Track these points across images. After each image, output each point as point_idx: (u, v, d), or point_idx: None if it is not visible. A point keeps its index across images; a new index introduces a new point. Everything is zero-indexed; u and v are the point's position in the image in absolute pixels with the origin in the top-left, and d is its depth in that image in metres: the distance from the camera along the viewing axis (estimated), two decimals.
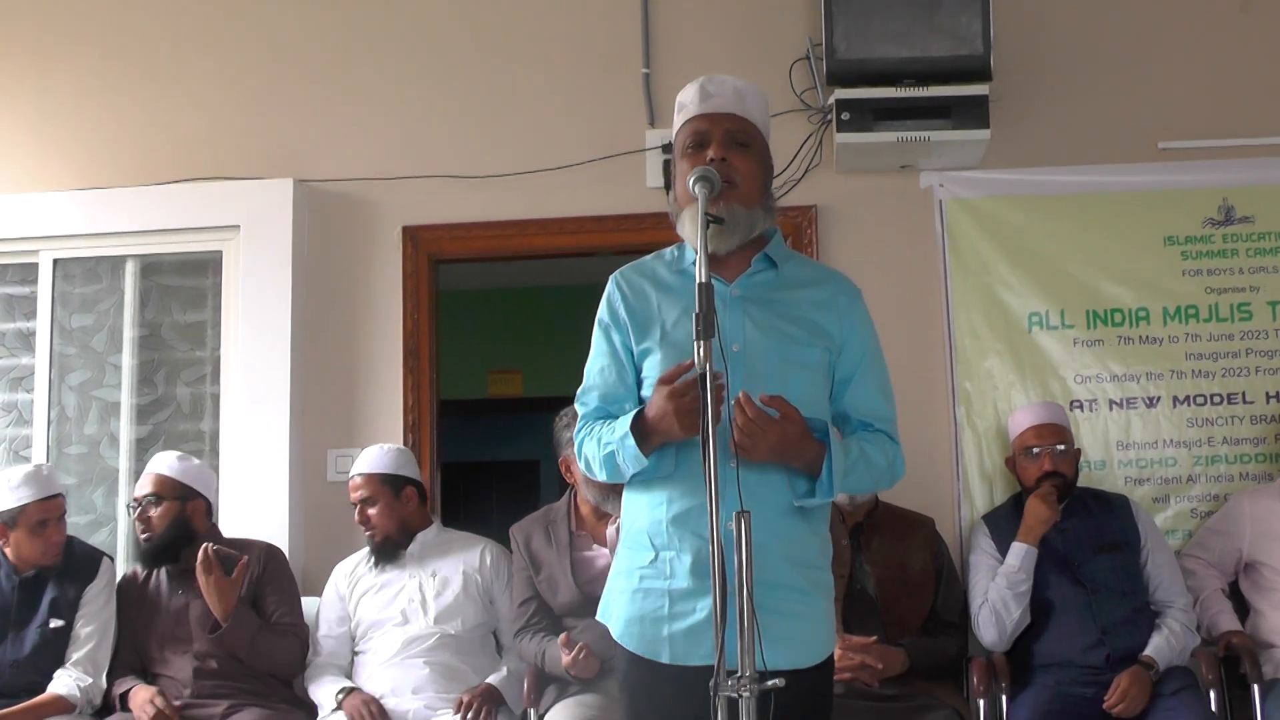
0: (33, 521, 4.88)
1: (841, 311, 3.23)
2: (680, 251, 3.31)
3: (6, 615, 4.89)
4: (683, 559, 3.05)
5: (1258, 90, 5.51)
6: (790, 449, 3.00)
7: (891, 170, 5.52)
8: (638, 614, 3.10)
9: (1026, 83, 5.50)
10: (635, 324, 3.21)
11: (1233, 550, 5.02)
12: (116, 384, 5.82)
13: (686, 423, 2.95)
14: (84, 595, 4.96)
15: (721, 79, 3.25)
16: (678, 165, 3.24)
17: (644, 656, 3.09)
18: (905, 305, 5.45)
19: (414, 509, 5.15)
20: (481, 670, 4.93)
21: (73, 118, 5.93)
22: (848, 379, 3.21)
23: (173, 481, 5.00)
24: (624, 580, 3.17)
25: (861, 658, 4.53)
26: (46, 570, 4.94)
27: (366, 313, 5.70)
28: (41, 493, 4.91)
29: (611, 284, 3.31)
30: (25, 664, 4.84)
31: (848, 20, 5.22)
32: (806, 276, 3.30)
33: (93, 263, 5.87)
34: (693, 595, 3.03)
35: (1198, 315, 5.39)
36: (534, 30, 5.78)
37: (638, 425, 3.04)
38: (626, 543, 3.21)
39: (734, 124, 3.19)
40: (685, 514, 3.05)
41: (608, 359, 3.25)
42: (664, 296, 3.22)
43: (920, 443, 5.27)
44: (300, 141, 5.80)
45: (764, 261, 3.23)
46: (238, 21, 5.91)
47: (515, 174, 5.63)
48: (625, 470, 3.10)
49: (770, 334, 3.12)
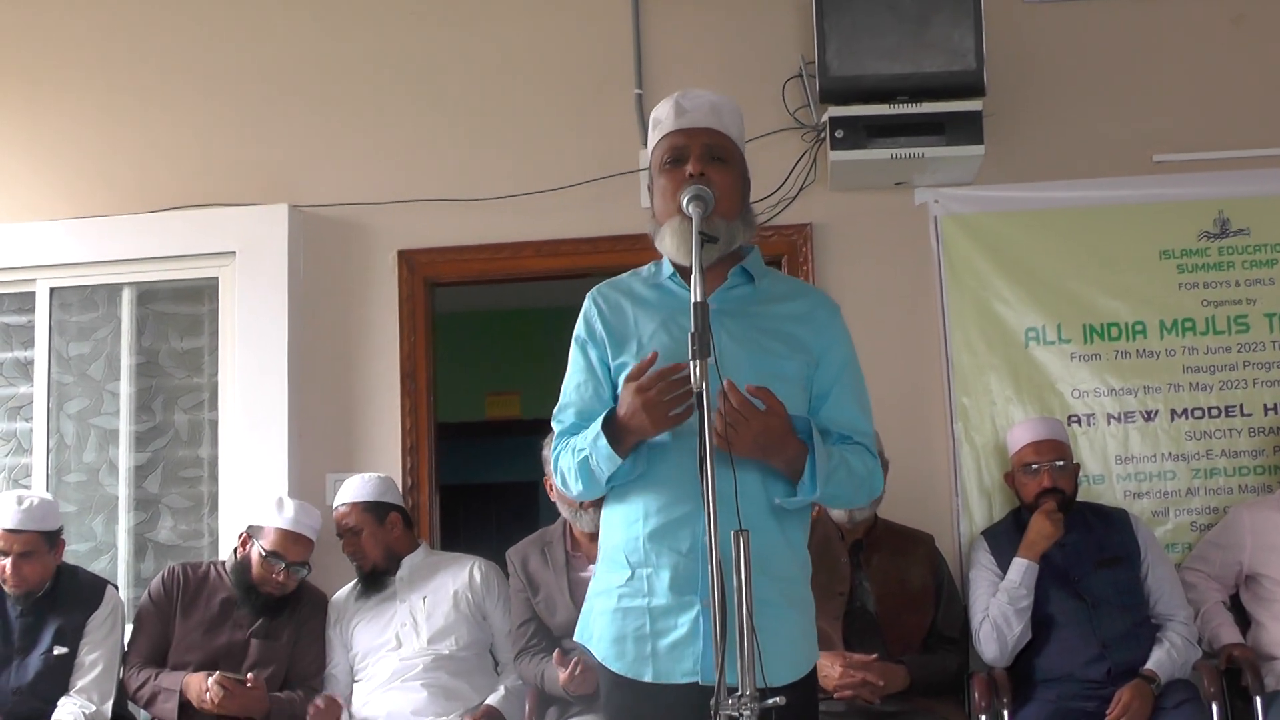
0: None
1: (820, 325, 3.21)
2: (657, 267, 3.30)
3: (9, 643, 4.90)
4: (661, 575, 3.03)
5: (1251, 102, 5.52)
6: (773, 443, 2.97)
7: (886, 187, 5.52)
8: (619, 633, 3.08)
9: (1020, 98, 5.51)
10: (612, 339, 3.20)
11: (1233, 563, 5.02)
12: (115, 411, 5.82)
13: (655, 415, 2.94)
14: (88, 624, 4.97)
15: (697, 94, 3.25)
16: (655, 181, 3.23)
17: (627, 677, 3.06)
18: (902, 322, 5.46)
19: (399, 534, 5.16)
20: (479, 689, 4.93)
21: (68, 146, 5.94)
22: (825, 393, 3.18)
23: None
24: (603, 600, 3.14)
25: (863, 675, 4.52)
26: (50, 599, 4.95)
27: (363, 337, 5.70)
28: (7, 523, 4.91)
29: (589, 300, 3.30)
30: (28, 691, 4.85)
31: (840, 38, 5.22)
32: (784, 291, 3.29)
33: (89, 291, 5.88)
34: (673, 611, 3.01)
35: (1194, 328, 5.39)
36: (527, 53, 5.79)
37: (609, 426, 3.02)
38: (603, 561, 3.19)
39: (711, 138, 3.18)
40: (661, 529, 3.04)
41: (585, 375, 3.23)
42: (640, 310, 3.21)
43: (919, 459, 5.30)
44: (295, 167, 5.81)
45: (741, 275, 3.21)
46: (232, 48, 5.92)
47: (510, 196, 5.64)
48: (600, 474, 3.06)
49: (746, 346, 3.10)
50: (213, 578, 5.13)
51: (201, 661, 4.94)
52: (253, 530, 5.06)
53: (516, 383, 9.07)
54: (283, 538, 5.02)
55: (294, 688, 4.97)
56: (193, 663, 4.94)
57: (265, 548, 4.99)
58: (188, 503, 5.75)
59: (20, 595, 4.94)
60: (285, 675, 5.00)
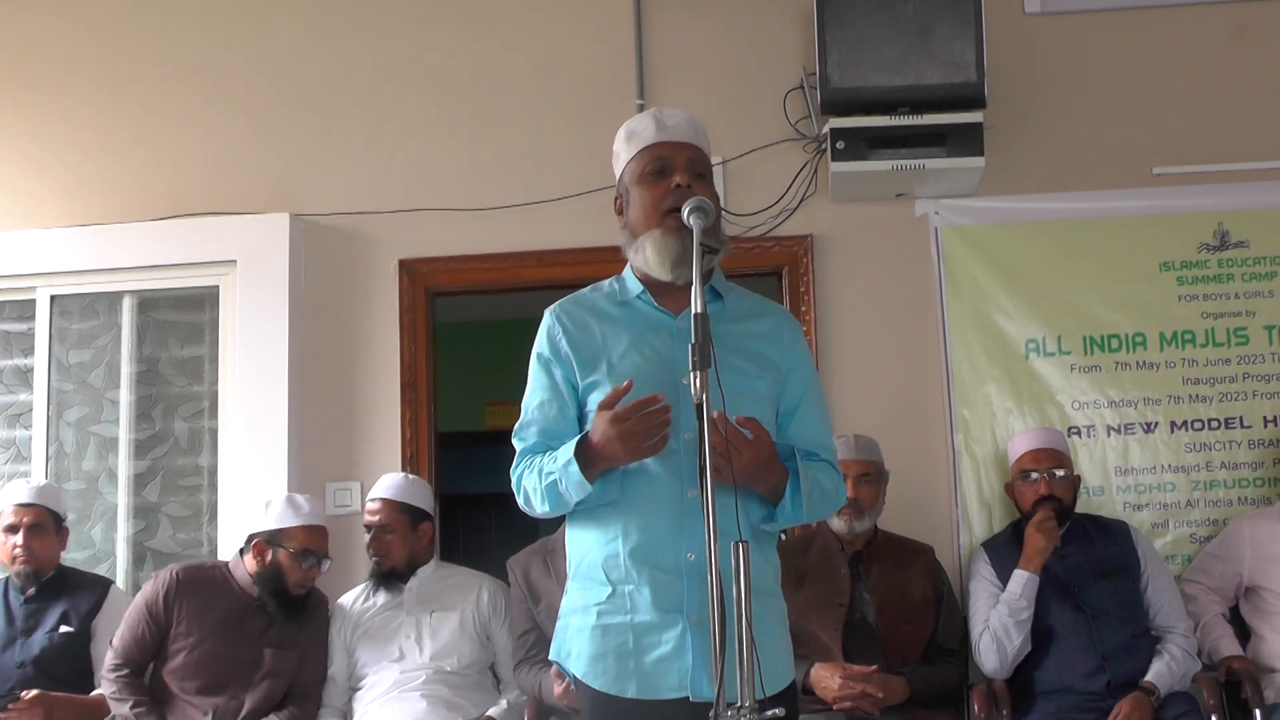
0: (5, 525, 5.11)
1: (786, 344, 3.22)
2: (620, 284, 3.27)
3: (13, 625, 5.03)
4: (643, 592, 3.02)
5: (1251, 115, 5.53)
6: (761, 471, 2.98)
7: (887, 198, 5.52)
8: (599, 651, 3.05)
9: (1021, 110, 5.52)
10: (579, 358, 3.17)
11: (1233, 575, 5.02)
12: (114, 419, 5.82)
13: (630, 446, 2.93)
14: (96, 619, 5.08)
15: (673, 112, 3.25)
16: (633, 191, 3.20)
17: (609, 693, 3.04)
18: (902, 333, 5.46)
19: (426, 545, 5.15)
20: (479, 705, 4.92)
21: (69, 154, 5.95)
22: (793, 410, 3.19)
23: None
24: (579, 618, 3.12)
25: (862, 686, 4.52)
26: (54, 585, 5.10)
27: (364, 346, 5.70)
28: (19, 499, 5.13)
29: (550, 317, 3.26)
30: (33, 665, 4.94)
31: (841, 49, 5.23)
32: (748, 309, 3.27)
33: (90, 298, 5.88)
34: (658, 628, 3.00)
35: (1194, 340, 5.39)
36: (528, 64, 5.80)
37: (581, 452, 3.00)
38: (576, 579, 3.17)
39: (694, 153, 3.19)
40: (643, 546, 3.02)
41: (548, 393, 3.22)
42: (608, 329, 3.18)
43: (918, 470, 5.30)
44: (296, 176, 5.81)
45: (710, 294, 3.15)
46: (233, 57, 5.93)
47: (511, 206, 5.64)
48: (569, 498, 3.04)
49: (719, 366, 3.00)
50: (221, 583, 5.00)
51: (213, 670, 4.87)
52: (269, 536, 4.96)
53: (517, 393, 8.97)
54: (308, 534, 4.99)
55: (296, 697, 4.95)
56: (203, 672, 4.88)
57: (294, 548, 4.95)
58: (187, 511, 5.75)
59: (29, 573, 5.05)
60: (289, 685, 4.97)
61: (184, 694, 4.86)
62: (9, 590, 5.11)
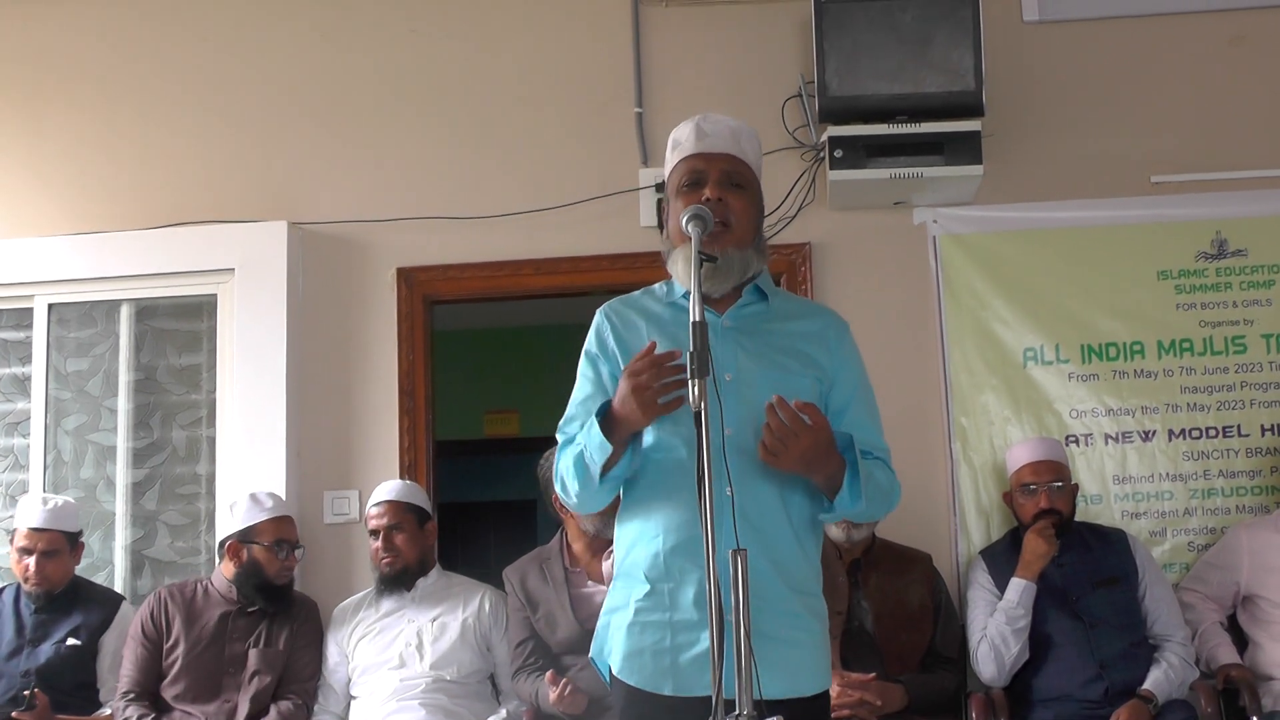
0: (18, 546, 5.15)
1: (831, 344, 3.23)
2: (669, 286, 3.31)
3: (22, 635, 5.06)
4: (685, 590, 3.03)
5: (1249, 123, 5.54)
6: (818, 459, 2.98)
7: (885, 207, 5.53)
8: (637, 648, 3.08)
9: (1019, 118, 5.52)
10: (625, 355, 3.19)
11: (1231, 583, 5.02)
12: (112, 428, 5.81)
13: (644, 399, 2.92)
14: (105, 635, 5.13)
15: (717, 118, 3.25)
16: (671, 203, 3.24)
17: (645, 690, 3.06)
18: (900, 341, 5.46)
19: (432, 544, 5.18)
20: (478, 714, 4.92)
21: (67, 162, 5.94)
22: (842, 410, 3.20)
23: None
24: (620, 615, 3.14)
25: (860, 694, 4.52)
26: (65, 598, 5.14)
27: (362, 354, 5.70)
28: (32, 522, 5.16)
29: (600, 316, 3.30)
30: (38, 674, 4.96)
31: (840, 57, 5.23)
32: (795, 310, 3.32)
33: (88, 307, 5.87)
34: (697, 626, 3.00)
35: (1192, 349, 5.39)
36: (527, 72, 5.80)
37: (605, 421, 3.01)
38: (620, 578, 3.19)
39: (730, 164, 3.20)
40: (684, 545, 3.03)
41: (593, 388, 3.23)
42: (653, 328, 3.21)
43: (916, 478, 5.28)
44: (294, 184, 5.81)
45: (754, 294, 3.23)
46: (232, 66, 5.93)
47: (509, 214, 5.64)
48: (593, 467, 3.03)
49: (762, 363, 3.12)
50: (201, 595, 5.13)
51: (204, 678, 4.96)
52: (241, 535, 5.08)
53: (515, 401, 9.07)
54: (277, 525, 5.11)
55: (288, 693, 4.98)
56: (196, 681, 4.96)
57: (267, 542, 5.05)
58: (185, 519, 5.74)
59: (40, 593, 5.10)
60: (279, 681, 5.02)
61: (180, 705, 4.93)
62: (21, 599, 5.15)
